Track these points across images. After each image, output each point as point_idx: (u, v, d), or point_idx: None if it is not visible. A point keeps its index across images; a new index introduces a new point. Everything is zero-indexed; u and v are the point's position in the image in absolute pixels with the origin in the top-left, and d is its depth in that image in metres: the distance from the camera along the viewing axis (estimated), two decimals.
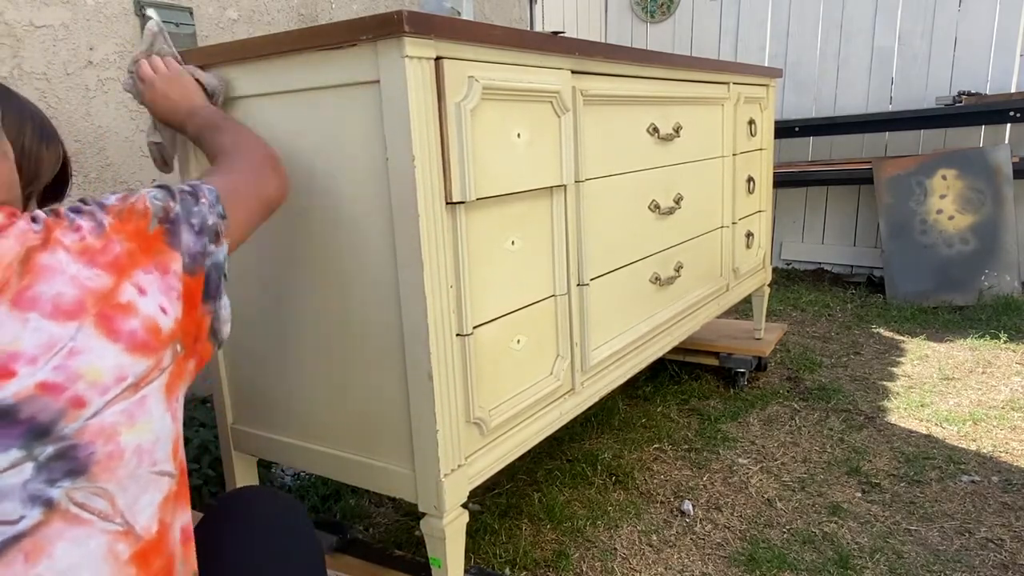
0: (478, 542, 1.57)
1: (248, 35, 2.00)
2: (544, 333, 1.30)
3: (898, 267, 3.38)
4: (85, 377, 0.57)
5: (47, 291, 0.58)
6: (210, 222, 0.75)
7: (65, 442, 0.55)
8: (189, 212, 0.73)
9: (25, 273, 0.57)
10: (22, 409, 0.54)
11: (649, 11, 4.29)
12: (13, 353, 0.55)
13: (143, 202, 0.69)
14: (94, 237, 0.63)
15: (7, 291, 0.56)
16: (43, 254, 0.59)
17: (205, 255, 0.72)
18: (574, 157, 1.32)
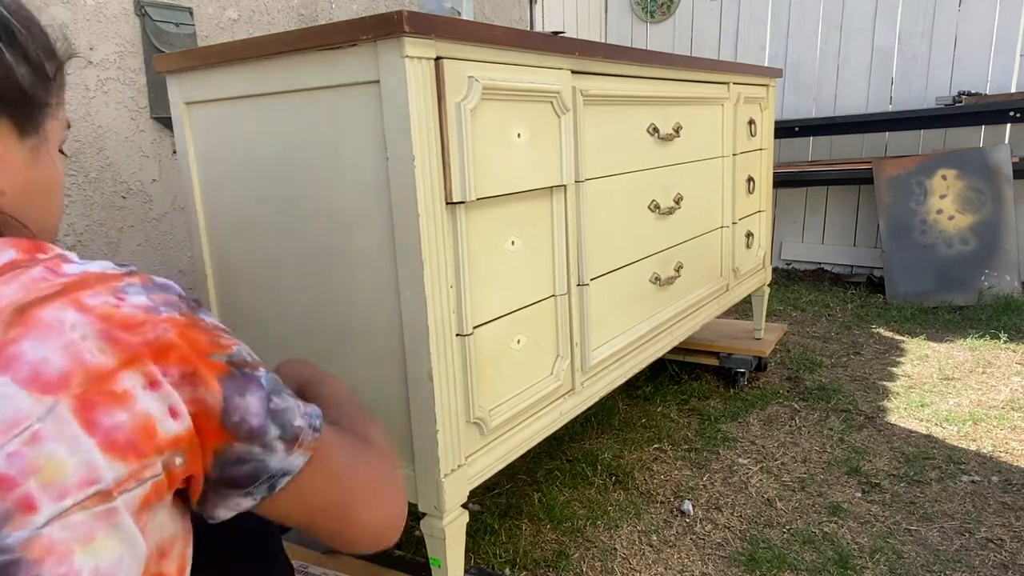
0: (478, 542, 1.57)
1: (248, 35, 2.00)
2: (544, 333, 1.30)
3: (898, 267, 3.38)
4: (43, 472, 0.44)
5: (32, 352, 0.46)
6: (296, 422, 0.58)
7: (6, 555, 0.43)
8: (276, 390, 0.58)
9: (15, 323, 0.46)
10: None
11: (649, 11, 4.29)
12: None
13: (233, 342, 0.56)
14: (135, 310, 0.51)
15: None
16: (47, 308, 0.48)
17: (255, 440, 0.55)
18: (574, 157, 1.32)
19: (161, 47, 1.77)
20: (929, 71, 3.63)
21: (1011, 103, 3.23)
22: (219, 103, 1.18)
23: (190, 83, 1.21)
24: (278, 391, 0.58)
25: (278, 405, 0.57)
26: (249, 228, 1.20)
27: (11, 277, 0.48)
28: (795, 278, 3.91)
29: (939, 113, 3.43)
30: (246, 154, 1.17)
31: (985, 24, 3.47)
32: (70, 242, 1.66)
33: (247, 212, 1.19)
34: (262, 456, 0.55)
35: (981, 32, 3.48)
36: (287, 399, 0.59)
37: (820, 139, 3.92)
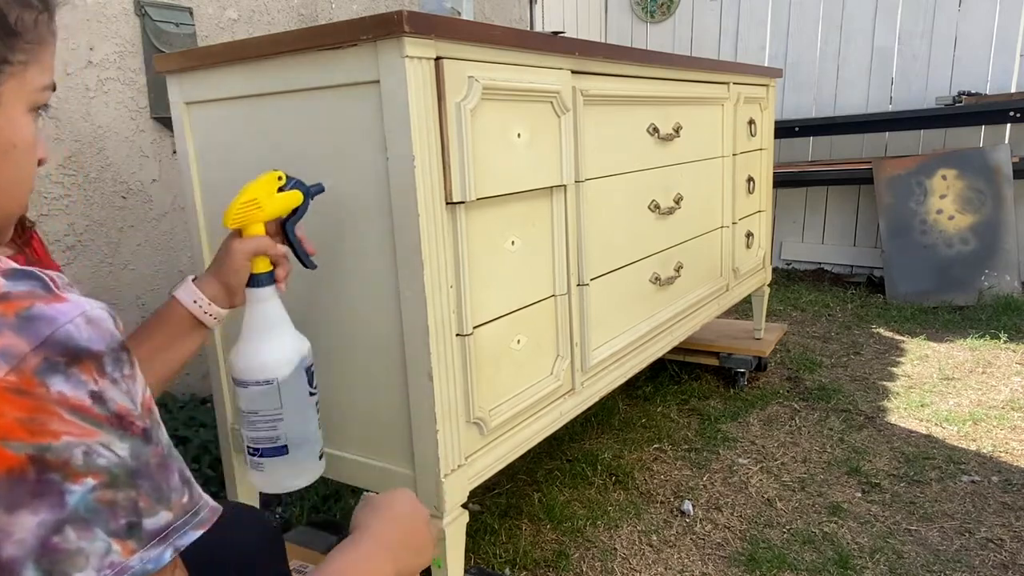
0: (478, 542, 1.57)
1: (248, 35, 2.00)
2: (544, 333, 1.30)
3: (898, 267, 3.38)
4: None
5: None
6: (72, 574, 0.41)
7: None
8: (87, 520, 0.41)
9: None
10: None
11: (649, 11, 4.29)
12: None
13: (80, 434, 0.41)
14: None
15: None
16: None
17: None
18: (574, 157, 1.32)
19: (161, 47, 1.77)
20: (929, 71, 3.63)
21: (1011, 103, 3.23)
22: (219, 103, 1.18)
23: (190, 83, 1.21)
24: (88, 524, 0.41)
25: (61, 544, 0.40)
26: None
27: None
28: (795, 278, 3.91)
29: (939, 113, 3.43)
30: (246, 154, 1.17)
31: (985, 24, 3.47)
32: (70, 242, 1.66)
33: None
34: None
35: (981, 32, 3.48)
36: (95, 542, 0.41)
37: (820, 139, 3.92)
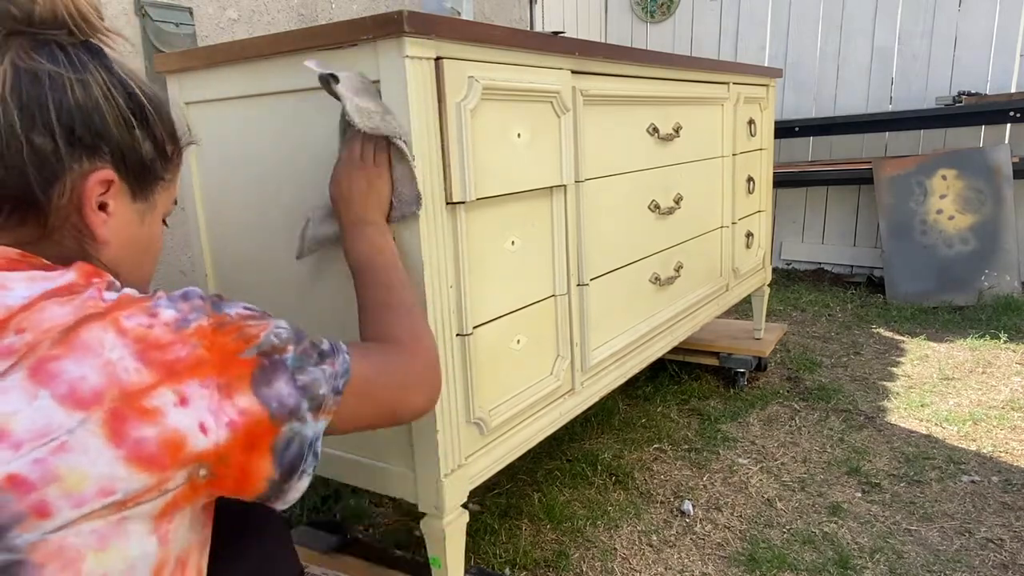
0: (478, 542, 1.57)
1: (248, 35, 2.00)
2: (544, 333, 1.30)
3: (898, 267, 3.38)
4: (63, 481, 0.48)
5: (72, 369, 0.51)
6: (320, 391, 0.66)
7: (12, 555, 0.46)
8: (302, 367, 0.65)
9: (61, 342, 0.52)
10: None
11: (649, 11, 4.29)
12: (1, 431, 0.48)
13: (261, 328, 0.63)
14: (166, 330, 0.57)
15: (31, 356, 0.51)
16: (89, 328, 0.53)
17: (293, 417, 0.62)
18: (574, 157, 1.32)
19: (161, 47, 1.77)
20: (929, 71, 3.63)
21: (1011, 103, 3.23)
22: (219, 103, 1.18)
23: (190, 83, 1.21)
24: (301, 366, 0.65)
25: (304, 381, 0.64)
26: (249, 228, 1.20)
27: (67, 300, 0.54)
28: (795, 278, 3.91)
29: (939, 113, 3.43)
30: (246, 154, 1.17)
31: (985, 24, 3.47)
32: None
33: (247, 212, 1.19)
34: (299, 429, 0.63)
35: (981, 32, 3.48)
36: (311, 371, 0.65)
37: (820, 139, 3.92)
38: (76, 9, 0.62)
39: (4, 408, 0.49)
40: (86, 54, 0.63)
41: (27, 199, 0.60)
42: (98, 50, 0.65)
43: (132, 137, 0.65)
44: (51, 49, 0.61)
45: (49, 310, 0.53)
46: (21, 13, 0.60)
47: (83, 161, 0.61)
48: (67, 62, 0.61)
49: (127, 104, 0.64)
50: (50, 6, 0.60)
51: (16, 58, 0.59)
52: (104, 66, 0.64)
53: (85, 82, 0.62)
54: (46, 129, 0.59)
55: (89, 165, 0.62)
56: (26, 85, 0.59)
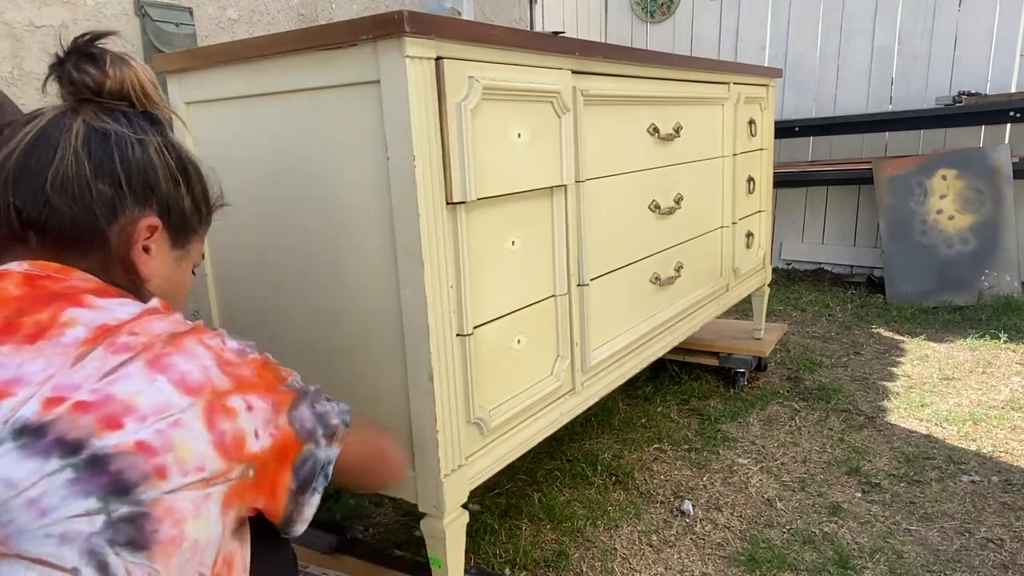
0: (478, 542, 1.57)
1: (248, 35, 2.00)
2: (544, 333, 1.30)
3: (898, 267, 3.38)
4: (176, 451, 0.59)
5: (181, 364, 0.63)
6: (333, 421, 0.77)
7: (139, 508, 0.56)
8: (318, 400, 0.77)
9: (169, 344, 0.64)
10: (114, 461, 0.56)
11: (649, 11, 4.29)
12: (129, 406, 0.58)
13: (289, 373, 0.76)
14: (233, 354, 0.69)
15: (147, 352, 0.62)
16: (188, 339, 0.65)
17: (311, 439, 0.73)
18: (574, 157, 1.32)
19: (161, 47, 1.77)
20: (929, 71, 3.63)
21: (1011, 103, 3.23)
22: (219, 103, 1.18)
23: (190, 83, 1.21)
24: (318, 398, 0.77)
25: (320, 410, 0.76)
26: (249, 228, 1.20)
27: (160, 317, 0.66)
28: (795, 278, 3.91)
29: (939, 113, 3.43)
30: (246, 154, 1.17)
31: (985, 24, 3.47)
32: None
33: (247, 212, 1.19)
34: (315, 451, 0.74)
35: (981, 32, 3.48)
36: (325, 404, 0.77)
37: (820, 139, 3.92)
38: (140, 86, 0.76)
39: (129, 388, 0.59)
40: (145, 121, 0.76)
41: (92, 235, 0.71)
42: (155, 119, 0.78)
43: (177, 193, 0.77)
44: (117, 115, 0.74)
45: (153, 322, 0.65)
46: (95, 84, 0.74)
47: (135, 208, 0.73)
48: (129, 125, 0.74)
49: (176, 165, 0.77)
50: (119, 81, 0.75)
51: (89, 118, 0.72)
52: (160, 132, 0.77)
53: (144, 143, 0.74)
54: (111, 177, 0.71)
55: (140, 212, 0.73)
56: (96, 141, 0.71)
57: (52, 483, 0.54)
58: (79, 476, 0.55)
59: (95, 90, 0.74)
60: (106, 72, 0.74)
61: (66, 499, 0.54)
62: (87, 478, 0.55)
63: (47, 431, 0.55)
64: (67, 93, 0.74)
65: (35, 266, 0.67)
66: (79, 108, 0.73)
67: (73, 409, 0.57)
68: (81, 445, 0.55)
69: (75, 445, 0.55)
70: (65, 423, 0.56)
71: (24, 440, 0.55)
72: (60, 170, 0.69)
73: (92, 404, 0.57)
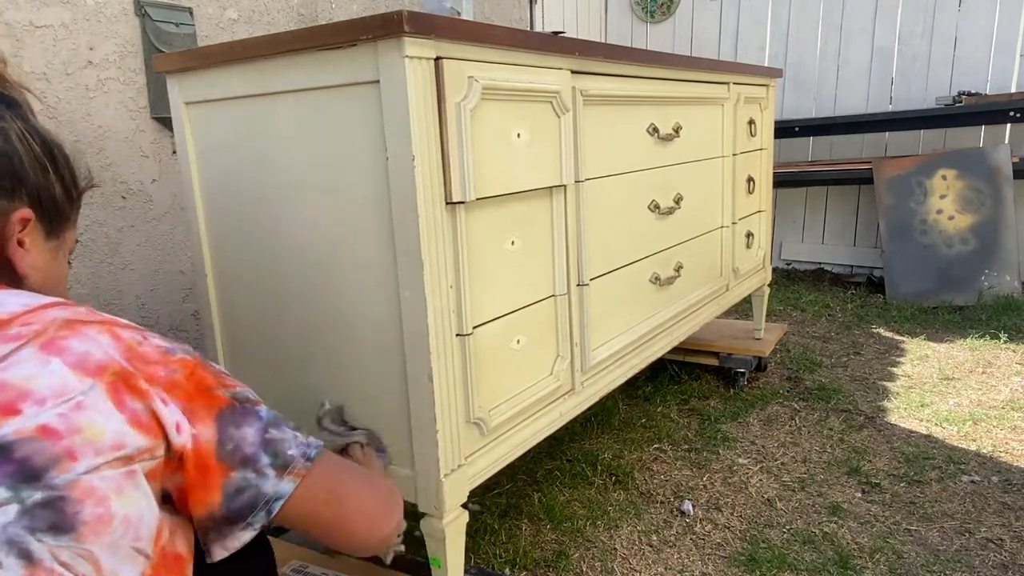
0: (478, 542, 1.57)
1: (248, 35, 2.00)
2: (544, 333, 1.30)
3: (898, 267, 3.38)
4: (84, 433, 0.56)
5: (77, 346, 0.59)
6: (289, 451, 0.68)
7: (54, 492, 0.54)
8: (277, 424, 0.69)
9: (64, 327, 0.60)
10: (17, 448, 0.54)
11: (649, 11, 4.29)
12: (24, 391, 0.56)
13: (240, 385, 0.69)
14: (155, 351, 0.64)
15: (40, 338, 0.59)
16: (89, 327, 0.61)
17: (249, 467, 0.65)
18: (574, 157, 1.32)
19: (161, 47, 1.77)
20: (929, 71, 3.63)
21: (1011, 103, 3.23)
22: (219, 103, 1.18)
23: (190, 83, 1.21)
24: (277, 424, 0.69)
25: (274, 436, 0.68)
26: (249, 228, 1.20)
27: (65, 307, 0.62)
28: (795, 278, 3.91)
29: (939, 113, 3.43)
30: (246, 154, 1.17)
31: (985, 24, 3.46)
32: None
33: (247, 212, 1.19)
34: (256, 482, 0.66)
35: (981, 32, 3.48)
36: (285, 431, 0.69)
37: (820, 139, 3.92)
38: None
39: (22, 373, 0.56)
40: (1, 105, 0.69)
41: None
42: (12, 101, 0.71)
43: (47, 180, 0.71)
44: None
45: (52, 312, 0.61)
46: None
47: (4, 201, 0.67)
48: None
49: (41, 150, 0.71)
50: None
51: None
52: (20, 116, 0.70)
53: (3, 130, 0.68)
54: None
55: (9, 205, 0.68)
56: None
57: None
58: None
59: None
60: None
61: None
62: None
63: None
64: None
65: None
66: None
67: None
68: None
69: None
70: None
71: None
72: None
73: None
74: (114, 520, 0.57)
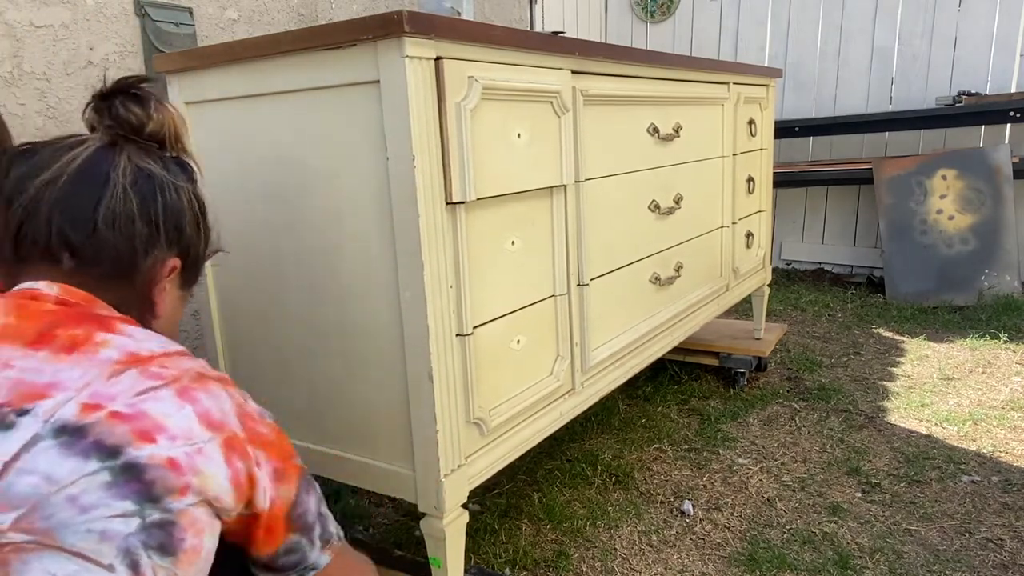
0: (478, 542, 1.57)
1: (248, 35, 2.00)
2: (544, 333, 1.30)
3: (898, 267, 3.38)
4: (199, 475, 0.64)
5: (204, 400, 0.67)
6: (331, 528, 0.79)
7: (168, 515, 0.61)
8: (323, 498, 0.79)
9: (196, 381, 0.68)
10: (148, 471, 0.61)
11: (649, 11, 4.29)
12: (160, 425, 0.63)
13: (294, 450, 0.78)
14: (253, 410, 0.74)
15: (177, 383, 0.66)
16: (213, 382, 0.70)
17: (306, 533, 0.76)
18: (574, 157, 1.32)
19: (161, 47, 1.77)
20: (929, 71, 3.63)
21: (1011, 103, 3.23)
22: (219, 103, 1.18)
23: (190, 83, 1.21)
24: (323, 499, 0.79)
25: (324, 511, 0.79)
26: (249, 228, 1.20)
27: (190, 359, 0.70)
28: (795, 278, 3.91)
29: (939, 113, 3.43)
30: (246, 154, 1.17)
31: (985, 24, 3.46)
32: None
33: (247, 212, 1.19)
34: (306, 548, 0.76)
35: (981, 32, 3.48)
36: (326, 510, 0.80)
37: (820, 139, 3.92)
38: (175, 131, 0.82)
39: (160, 409, 0.63)
40: (178, 167, 0.82)
41: (127, 269, 0.76)
42: (186, 166, 0.84)
43: (197, 238, 0.83)
44: (156, 157, 0.79)
45: (186, 362, 0.69)
46: (137, 123, 0.79)
47: (164, 249, 0.79)
48: (167, 169, 0.79)
49: (199, 211, 0.83)
50: (159, 125, 0.81)
51: (133, 156, 0.77)
52: (191, 179, 0.83)
53: (179, 189, 0.80)
54: (151, 218, 0.76)
55: (167, 253, 0.79)
56: (142, 181, 0.76)
57: (91, 483, 0.58)
58: (115, 480, 0.59)
59: (136, 129, 0.79)
60: (150, 114, 0.80)
61: (104, 499, 0.58)
62: (123, 483, 0.59)
63: (87, 433, 0.59)
64: (105, 127, 0.79)
65: (64, 291, 0.71)
66: (121, 144, 0.78)
67: (110, 417, 0.61)
68: (119, 451, 0.60)
69: (113, 450, 0.60)
70: (103, 428, 0.60)
71: (64, 439, 0.59)
72: (111, 205, 0.74)
73: (127, 416, 0.61)
74: (202, 552, 0.64)
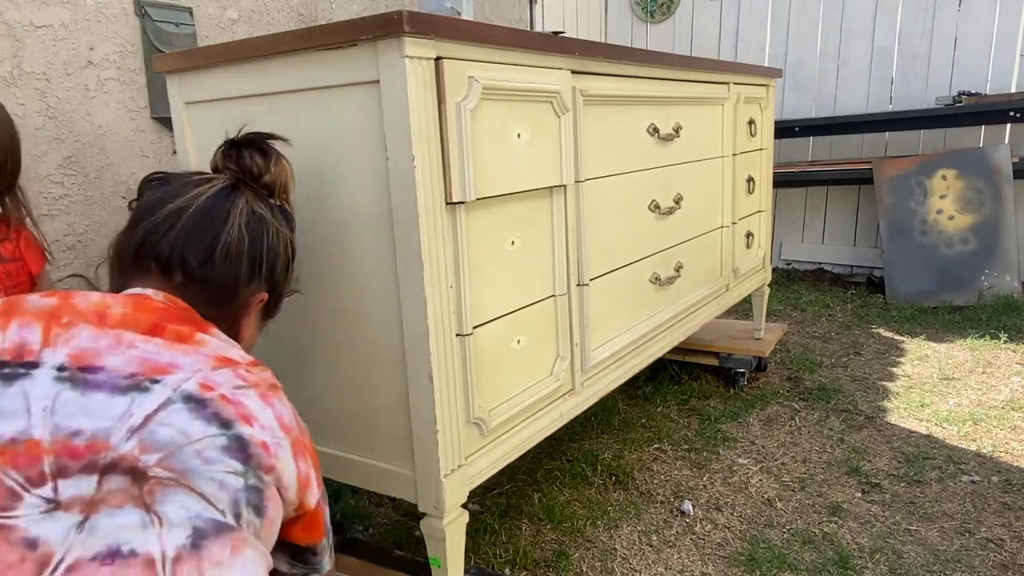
0: (478, 542, 1.57)
1: (248, 35, 2.00)
2: (544, 333, 1.30)
3: (898, 267, 3.38)
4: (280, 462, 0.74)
5: (278, 406, 0.77)
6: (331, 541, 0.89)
7: (261, 482, 0.72)
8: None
9: (271, 390, 0.78)
10: (250, 446, 0.71)
11: (649, 11, 4.29)
12: (255, 416, 0.73)
13: None
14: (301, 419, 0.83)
15: (259, 388, 0.76)
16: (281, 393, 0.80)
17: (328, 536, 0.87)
18: (574, 157, 1.32)
19: (161, 47, 1.77)
20: (929, 71, 3.63)
21: (1011, 103, 3.23)
22: (219, 103, 1.18)
23: (190, 83, 1.21)
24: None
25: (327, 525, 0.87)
26: None
27: (266, 369, 0.80)
28: (795, 278, 3.91)
29: (939, 113, 3.43)
30: None
31: (985, 24, 3.46)
32: (70, 242, 1.66)
33: None
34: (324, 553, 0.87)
35: (981, 32, 3.48)
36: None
37: (820, 139, 3.92)
38: (285, 184, 0.97)
39: (251, 405, 0.73)
40: (282, 215, 0.95)
41: (227, 296, 0.88)
42: (288, 215, 0.97)
43: (285, 280, 0.96)
44: (267, 203, 0.92)
45: (265, 373, 0.79)
46: (257, 172, 0.94)
47: (259, 284, 0.91)
48: (274, 216, 0.92)
49: (291, 256, 0.96)
50: (274, 177, 0.95)
51: (250, 200, 0.90)
52: (290, 227, 0.96)
53: (281, 235, 0.93)
54: (255, 256, 0.89)
55: (260, 287, 0.92)
56: (255, 223, 0.89)
57: (212, 443, 0.68)
58: (229, 445, 0.69)
59: (255, 177, 0.93)
60: (269, 167, 0.94)
61: (222, 457, 0.69)
62: (235, 449, 0.70)
63: (207, 405, 0.70)
64: (230, 170, 0.93)
65: (167, 299, 0.82)
66: (240, 188, 0.90)
67: (221, 398, 0.71)
68: (231, 423, 0.71)
69: (227, 422, 0.70)
70: (218, 405, 0.71)
71: (191, 405, 0.70)
72: (228, 240, 0.86)
73: (233, 400, 0.72)
74: (276, 525, 0.74)
